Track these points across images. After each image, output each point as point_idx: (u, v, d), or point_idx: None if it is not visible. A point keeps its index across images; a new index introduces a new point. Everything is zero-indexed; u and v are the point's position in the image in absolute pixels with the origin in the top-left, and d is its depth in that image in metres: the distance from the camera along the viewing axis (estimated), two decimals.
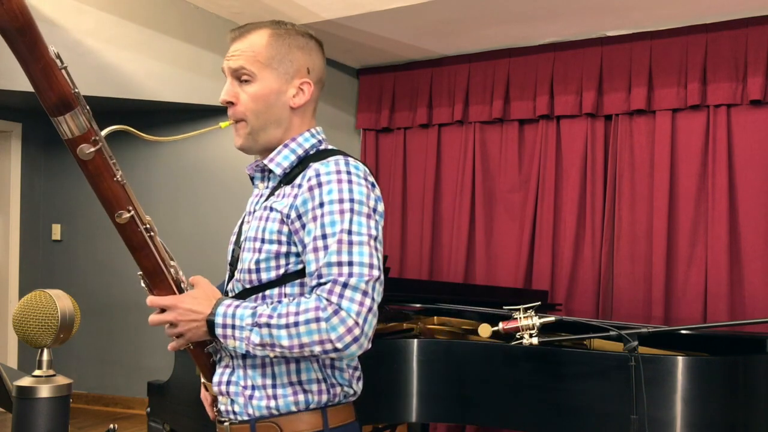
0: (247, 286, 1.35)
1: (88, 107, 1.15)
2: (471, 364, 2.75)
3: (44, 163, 5.41)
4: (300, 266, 1.31)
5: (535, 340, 2.48)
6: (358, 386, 1.40)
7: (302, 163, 1.37)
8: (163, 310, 1.31)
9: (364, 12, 4.17)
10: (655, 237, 4.28)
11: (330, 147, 1.44)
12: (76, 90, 1.13)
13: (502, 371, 2.73)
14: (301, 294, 1.31)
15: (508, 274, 4.75)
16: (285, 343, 1.21)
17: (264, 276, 1.33)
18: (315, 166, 1.31)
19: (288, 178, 1.36)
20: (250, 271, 1.34)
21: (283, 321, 1.21)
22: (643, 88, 4.33)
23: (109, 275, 5.25)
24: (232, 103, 1.38)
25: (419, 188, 5.13)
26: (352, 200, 1.26)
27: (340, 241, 1.23)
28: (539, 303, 2.57)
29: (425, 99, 5.12)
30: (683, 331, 2.95)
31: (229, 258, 1.46)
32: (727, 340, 2.99)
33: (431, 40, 4.76)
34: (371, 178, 1.34)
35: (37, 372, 1.11)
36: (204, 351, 1.41)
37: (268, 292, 1.32)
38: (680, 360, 2.48)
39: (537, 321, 2.50)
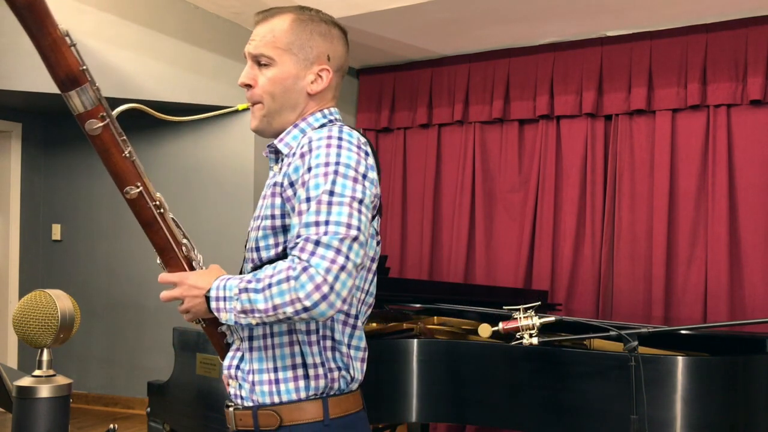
0: (250, 265, 1.37)
1: (97, 85, 1.18)
2: (471, 364, 2.75)
3: (44, 163, 5.41)
4: None
5: (535, 340, 2.48)
6: (358, 369, 1.37)
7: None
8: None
9: (364, 12, 4.17)
10: (655, 237, 4.28)
11: (338, 124, 1.41)
12: (84, 67, 1.15)
13: (502, 371, 2.73)
14: None
15: (508, 274, 4.75)
16: (261, 306, 1.18)
17: (264, 254, 1.33)
18: (309, 134, 1.32)
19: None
20: (251, 249, 1.36)
21: (260, 285, 1.19)
22: (643, 88, 4.33)
23: (109, 275, 5.25)
24: (250, 86, 1.40)
25: (419, 188, 5.13)
26: (338, 163, 1.24)
27: (319, 202, 1.20)
28: (539, 303, 2.57)
29: (425, 99, 5.12)
30: (683, 331, 2.95)
31: (246, 243, 1.48)
32: (727, 340, 2.99)
33: (431, 40, 4.76)
34: (366, 147, 1.32)
35: (37, 372, 1.11)
36: (217, 330, 1.42)
37: None
38: (680, 360, 2.48)
39: (537, 321, 2.50)
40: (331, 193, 1.21)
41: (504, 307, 2.57)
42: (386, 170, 5.27)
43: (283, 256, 1.30)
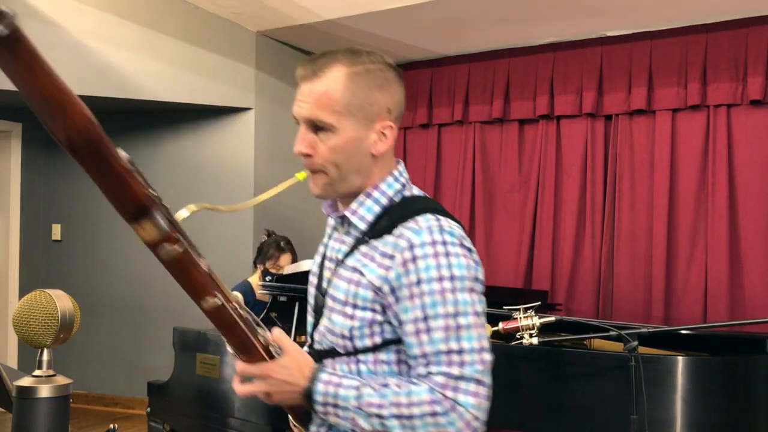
0: (341, 350, 1.29)
1: (162, 202, 1.04)
2: None
3: (44, 163, 5.41)
4: (396, 335, 1.25)
5: (535, 340, 2.48)
6: None
7: (387, 213, 1.29)
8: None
9: (364, 12, 4.17)
10: (655, 237, 4.28)
11: (415, 191, 1.36)
12: (151, 190, 1.02)
13: (502, 371, 2.72)
14: (398, 361, 1.27)
15: (508, 274, 4.75)
16: None
17: (359, 343, 1.27)
18: (407, 235, 1.22)
19: (374, 231, 1.29)
20: (343, 336, 1.27)
21: (395, 411, 1.17)
22: (643, 88, 4.33)
23: (109, 275, 5.25)
24: (308, 155, 1.28)
25: (419, 188, 5.12)
26: (452, 277, 1.19)
27: (447, 328, 1.17)
28: (539, 303, 2.57)
29: (425, 99, 5.12)
30: (683, 331, 2.95)
31: (312, 303, 1.39)
32: (727, 340, 2.99)
33: (431, 40, 4.76)
34: (468, 243, 1.27)
35: (37, 372, 1.11)
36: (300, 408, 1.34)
37: (362, 357, 1.27)
38: (680, 360, 2.48)
39: (537, 321, 2.50)
40: (455, 315, 1.18)
41: (504, 307, 2.57)
42: None
43: (379, 346, 1.26)
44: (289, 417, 1.40)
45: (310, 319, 1.41)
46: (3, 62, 0.77)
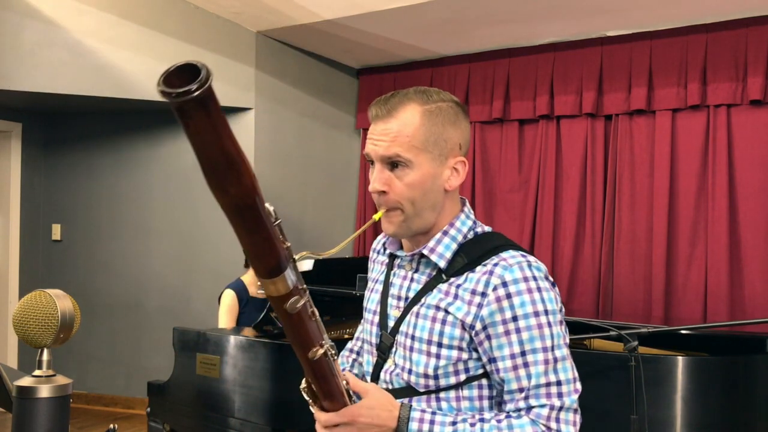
0: (421, 389, 1.29)
1: (291, 253, 1.02)
2: None
3: (44, 163, 5.41)
4: (480, 371, 1.27)
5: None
6: None
7: (463, 250, 1.30)
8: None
9: (364, 12, 4.17)
10: (655, 237, 4.28)
11: (484, 227, 1.37)
12: (287, 244, 1.00)
13: None
14: (480, 397, 1.28)
15: None
16: None
17: (443, 382, 1.28)
18: (497, 272, 1.24)
19: (451, 269, 1.29)
20: (426, 376, 1.27)
21: None
22: (643, 88, 4.33)
23: (109, 275, 5.25)
24: (384, 192, 1.27)
25: None
26: (546, 312, 1.23)
27: (546, 362, 1.21)
28: None
29: None
30: (683, 331, 2.95)
31: (375, 340, 1.38)
32: (727, 340, 2.99)
33: (431, 40, 4.76)
34: (551, 278, 1.30)
35: (37, 372, 1.10)
36: None
37: (443, 395, 1.28)
38: (680, 360, 2.48)
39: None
40: (552, 349, 1.22)
41: None
42: None
43: (460, 385, 1.27)
44: None
45: (368, 357, 1.41)
46: (191, 123, 0.77)
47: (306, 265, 3.60)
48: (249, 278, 3.77)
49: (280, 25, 4.59)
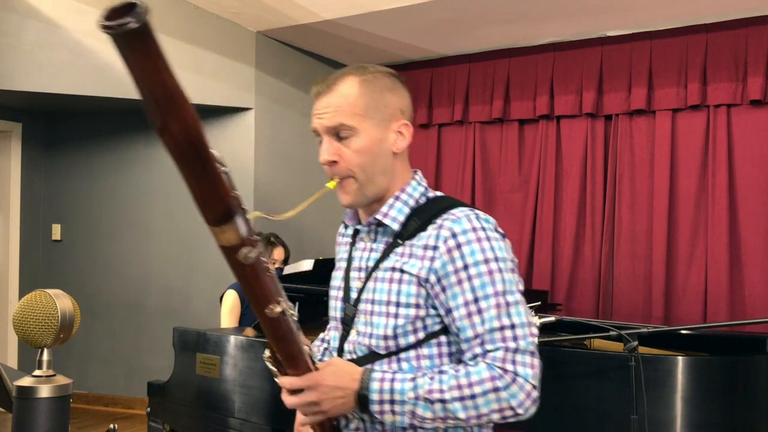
0: (382, 352, 1.31)
1: (243, 205, 1.02)
2: None
3: (44, 163, 5.41)
4: (437, 327, 1.29)
5: (535, 340, 2.47)
6: None
7: (416, 214, 1.34)
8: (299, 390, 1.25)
9: (364, 12, 4.17)
10: (655, 237, 4.28)
11: (436, 193, 1.42)
12: (235, 192, 1.00)
13: None
14: (440, 354, 1.30)
15: None
16: (461, 415, 1.21)
17: (402, 341, 1.30)
18: (447, 225, 1.28)
19: (406, 232, 1.33)
20: (386, 337, 1.30)
21: (456, 394, 1.20)
22: (643, 88, 4.33)
23: (109, 275, 5.25)
24: (334, 162, 1.32)
25: None
26: (497, 259, 1.26)
27: (498, 306, 1.23)
28: (539, 303, 2.57)
29: (425, 99, 5.12)
30: (683, 331, 2.95)
31: (339, 314, 1.41)
32: (727, 340, 2.99)
33: (431, 40, 4.76)
34: (500, 229, 1.34)
35: (37, 372, 1.10)
36: (332, 423, 1.34)
37: (403, 355, 1.30)
38: (680, 360, 2.48)
39: (537, 321, 2.50)
40: (504, 293, 1.24)
41: None
42: None
43: (419, 343, 1.29)
44: None
45: (335, 333, 1.43)
46: (130, 54, 0.79)
47: (306, 265, 3.60)
48: None
49: (280, 25, 4.59)
